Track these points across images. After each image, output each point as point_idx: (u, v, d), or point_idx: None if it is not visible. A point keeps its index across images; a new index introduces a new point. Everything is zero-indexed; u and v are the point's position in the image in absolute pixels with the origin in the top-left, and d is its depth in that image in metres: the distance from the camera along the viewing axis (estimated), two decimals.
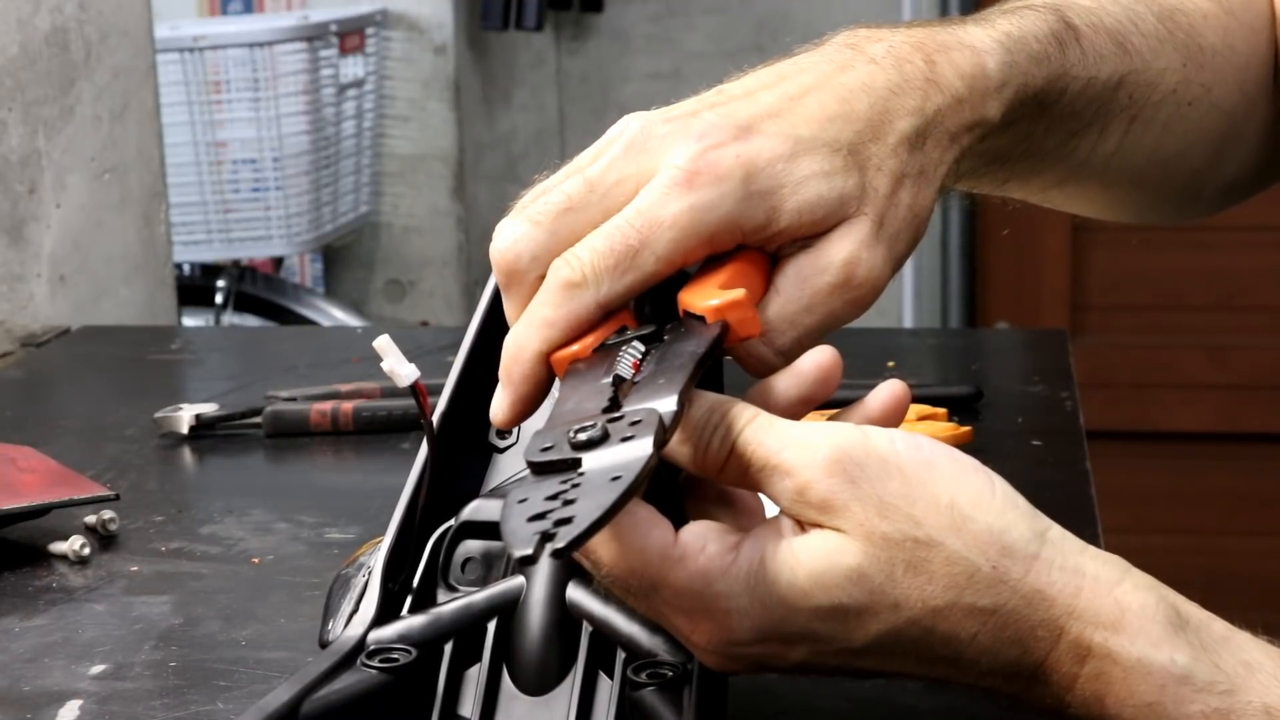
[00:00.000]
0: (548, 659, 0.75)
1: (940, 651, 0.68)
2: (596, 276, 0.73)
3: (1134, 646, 0.67)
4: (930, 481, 0.68)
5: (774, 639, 0.68)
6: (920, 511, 0.67)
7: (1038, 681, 0.69)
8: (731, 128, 0.75)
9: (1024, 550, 0.68)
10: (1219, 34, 0.94)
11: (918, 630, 0.68)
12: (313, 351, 1.65)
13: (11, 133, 1.70)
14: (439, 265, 3.33)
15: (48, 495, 1.10)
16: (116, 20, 1.89)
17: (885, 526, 0.67)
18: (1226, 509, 3.38)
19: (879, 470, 0.68)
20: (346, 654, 0.75)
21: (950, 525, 0.67)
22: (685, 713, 0.70)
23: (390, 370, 0.77)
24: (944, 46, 0.81)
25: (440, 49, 3.28)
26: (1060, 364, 1.45)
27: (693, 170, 0.74)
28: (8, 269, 1.69)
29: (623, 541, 0.68)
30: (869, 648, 0.68)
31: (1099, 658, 0.67)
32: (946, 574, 0.67)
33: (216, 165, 3.03)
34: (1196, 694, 0.67)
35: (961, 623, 0.67)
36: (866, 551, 0.67)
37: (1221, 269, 3.38)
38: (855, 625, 0.68)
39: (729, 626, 0.68)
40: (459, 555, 0.78)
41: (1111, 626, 0.67)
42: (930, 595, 0.67)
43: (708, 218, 0.74)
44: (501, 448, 0.82)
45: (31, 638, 0.96)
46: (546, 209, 0.75)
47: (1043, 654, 0.68)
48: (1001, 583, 0.67)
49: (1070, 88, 0.86)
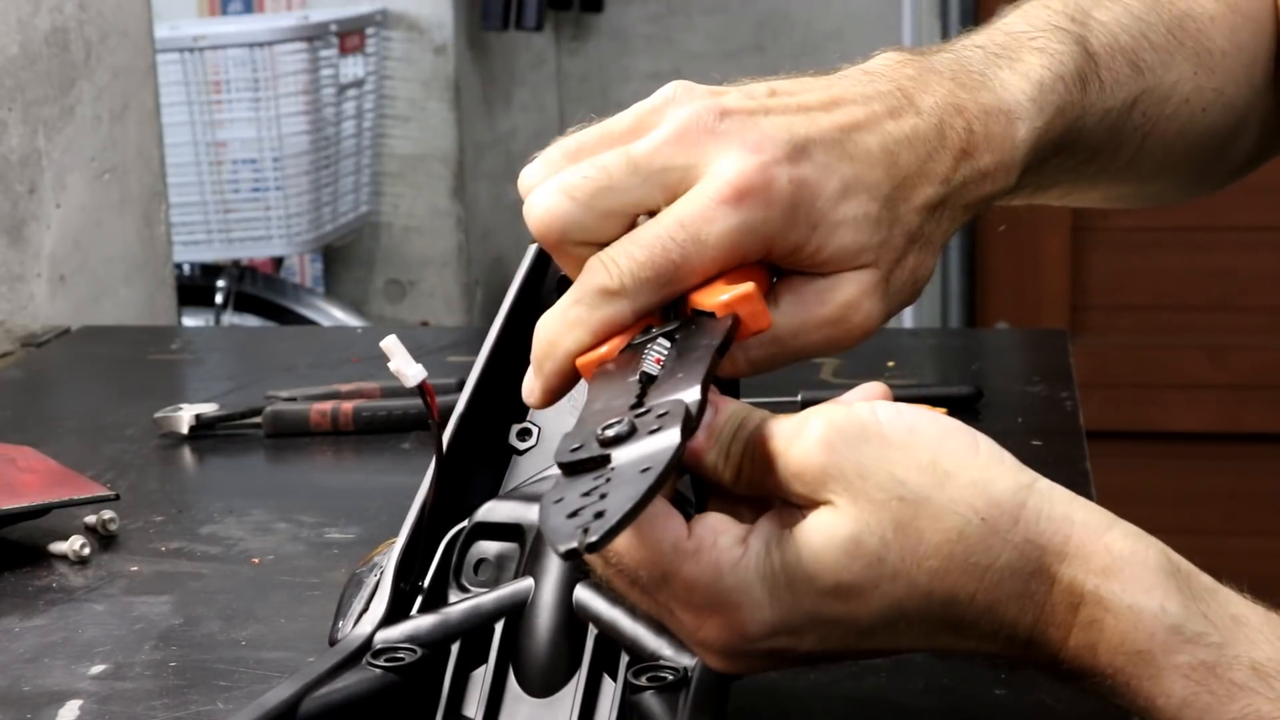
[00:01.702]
0: (554, 660, 0.75)
1: (942, 617, 0.68)
2: (636, 288, 0.72)
3: (1125, 593, 0.67)
4: (910, 445, 0.68)
5: (784, 630, 0.68)
6: (901, 472, 0.67)
7: (1034, 641, 0.68)
8: (787, 144, 0.74)
9: (1010, 501, 0.68)
10: (1226, 35, 0.94)
11: (919, 597, 0.67)
12: (313, 351, 1.64)
13: (11, 133, 1.70)
14: (439, 265, 3.33)
15: (48, 495, 1.10)
16: (116, 20, 1.89)
17: (869, 489, 0.67)
18: (1226, 509, 3.38)
19: (857, 435, 0.68)
20: (352, 653, 0.75)
21: (933, 483, 0.67)
22: (680, 716, 0.70)
23: (397, 370, 0.77)
24: (984, 111, 0.80)
25: (440, 49, 3.28)
26: (1060, 364, 1.45)
27: (744, 188, 0.73)
28: (8, 269, 1.69)
29: (638, 533, 0.67)
30: (874, 625, 0.68)
31: (1091, 604, 0.67)
32: (936, 530, 0.67)
33: (216, 165, 3.03)
34: (1185, 644, 0.67)
35: (959, 582, 0.67)
36: (856, 518, 0.67)
37: (1221, 269, 3.38)
38: (859, 603, 0.67)
39: (741, 621, 0.67)
40: (472, 556, 0.78)
41: (1103, 572, 0.67)
42: (924, 556, 0.67)
43: (750, 239, 0.73)
44: (521, 450, 0.82)
45: (31, 638, 0.96)
46: (585, 184, 0.73)
47: (1038, 607, 0.68)
48: (992, 534, 0.67)
49: (1088, 124, 0.86)
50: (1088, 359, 2.58)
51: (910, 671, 0.86)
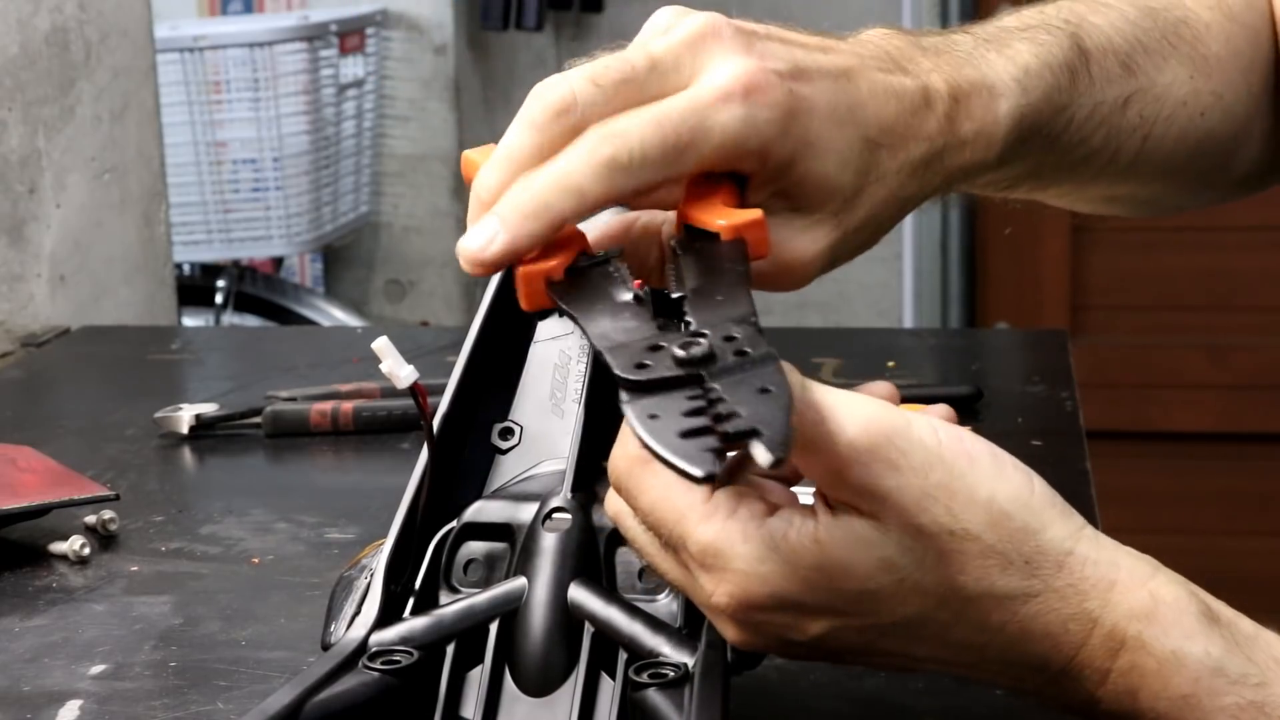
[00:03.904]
0: (550, 660, 0.75)
1: (967, 639, 0.68)
2: (643, 162, 0.72)
3: (1168, 638, 0.67)
4: (970, 475, 0.67)
5: (791, 609, 0.67)
6: (959, 506, 0.66)
7: (1067, 677, 0.68)
8: (788, 62, 0.75)
9: (1059, 548, 0.67)
10: (1222, 42, 0.95)
11: (947, 614, 0.67)
12: (313, 351, 1.65)
13: (11, 133, 1.70)
14: (439, 265, 3.33)
15: (48, 495, 1.10)
16: (116, 20, 1.89)
17: (923, 519, 0.66)
18: (1226, 509, 3.38)
19: (922, 461, 0.66)
20: (348, 656, 0.75)
21: (988, 521, 0.67)
22: (686, 712, 0.70)
23: (389, 372, 0.77)
24: (968, 83, 0.81)
25: (440, 49, 3.28)
26: (1060, 364, 1.45)
27: (750, 85, 0.73)
28: (8, 269, 1.69)
29: (668, 489, 0.67)
30: (895, 626, 0.68)
31: (1133, 650, 0.67)
32: (980, 566, 0.66)
33: (216, 165, 3.03)
34: (1231, 686, 0.66)
35: (992, 612, 0.67)
36: (900, 543, 0.66)
37: (1221, 269, 3.38)
38: (884, 607, 0.67)
39: (746, 588, 0.67)
40: (461, 557, 0.78)
41: (1146, 618, 0.67)
42: (961, 585, 0.66)
43: (752, 137, 0.73)
44: (504, 449, 0.82)
45: (31, 638, 0.96)
46: (607, 73, 0.73)
47: (1074, 648, 0.67)
48: (1034, 576, 0.67)
49: (1076, 116, 0.86)
50: (1088, 359, 2.58)
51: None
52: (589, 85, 0.73)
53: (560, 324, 0.82)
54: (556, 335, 0.82)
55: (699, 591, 0.69)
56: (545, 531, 0.76)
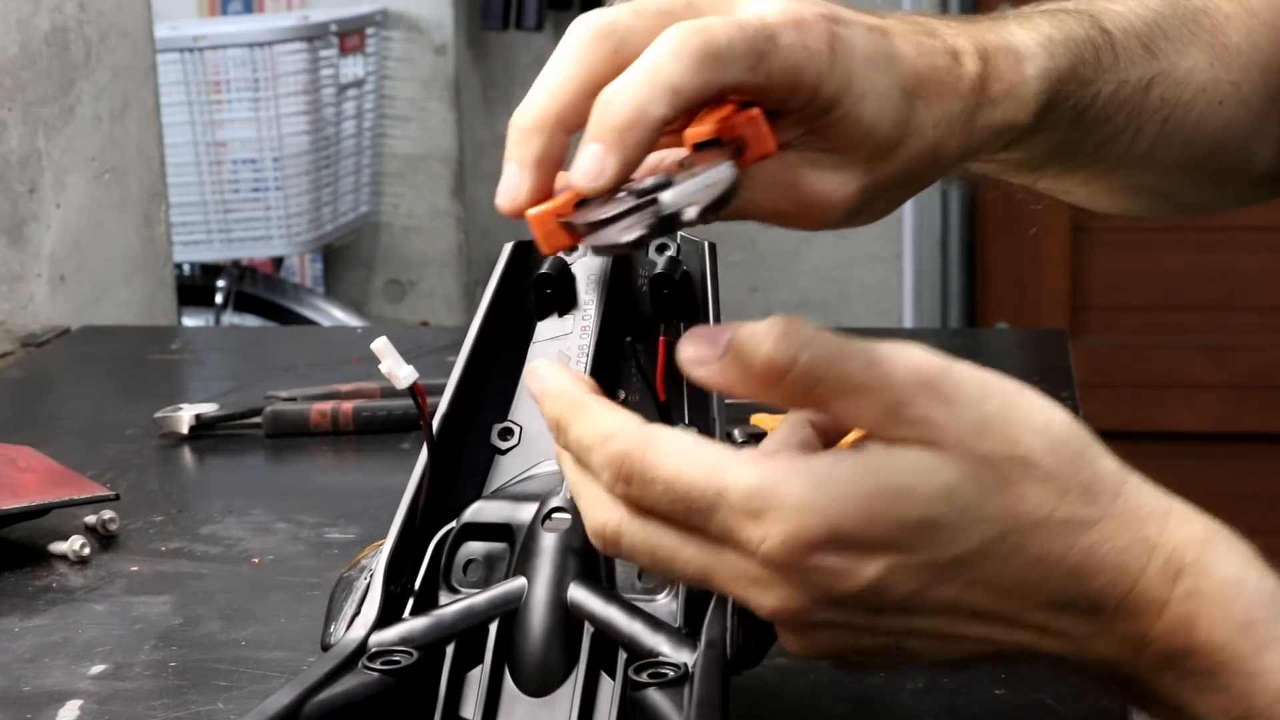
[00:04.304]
0: (550, 660, 0.75)
1: (1024, 577, 0.65)
2: (731, 56, 0.70)
3: (1227, 564, 0.66)
4: (1024, 403, 0.67)
5: (848, 546, 0.64)
6: (1017, 431, 0.66)
7: (1122, 616, 0.66)
8: (828, 8, 0.75)
9: (1114, 477, 0.67)
10: (1242, 34, 0.96)
11: (1006, 548, 0.65)
12: (313, 351, 1.65)
13: (11, 133, 1.70)
14: (439, 265, 3.33)
15: (48, 495, 1.10)
16: (116, 20, 1.89)
17: (984, 445, 0.65)
18: (1226, 509, 3.36)
19: (976, 392, 0.66)
20: (348, 656, 0.75)
21: (1047, 446, 0.66)
22: (686, 711, 0.70)
23: (388, 372, 0.77)
24: (995, 48, 0.82)
25: (440, 49, 3.28)
26: (1060, 364, 1.45)
27: (799, 18, 0.73)
28: (8, 269, 1.69)
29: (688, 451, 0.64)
30: (953, 564, 0.65)
31: (1194, 574, 0.66)
32: (1040, 492, 0.65)
33: (216, 165, 3.03)
34: None
35: (1053, 541, 0.65)
36: (962, 469, 0.65)
37: (1221, 269, 3.39)
38: (944, 537, 0.65)
39: (802, 524, 0.63)
40: (461, 557, 0.78)
41: (1204, 543, 0.66)
42: (1023, 512, 0.65)
43: (809, 65, 0.73)
44: (503, 449, 0.82)
45: (31, 638, 0.96)
46: (648, 4, 0.73)
47: (1133, 578, 0.66)
48: (1094, 503, 0.66)
49: (1103, 91, 0.87)
50: (1088, 359, 2.59)
51: (910, 671, 0.86)
52: (630, 13, 0.72)
53: (560, 324, 0.82)
54: (556, 335, 0.82)
55: (740, 553, 0.65)
56: (545, 531, 0.76)
